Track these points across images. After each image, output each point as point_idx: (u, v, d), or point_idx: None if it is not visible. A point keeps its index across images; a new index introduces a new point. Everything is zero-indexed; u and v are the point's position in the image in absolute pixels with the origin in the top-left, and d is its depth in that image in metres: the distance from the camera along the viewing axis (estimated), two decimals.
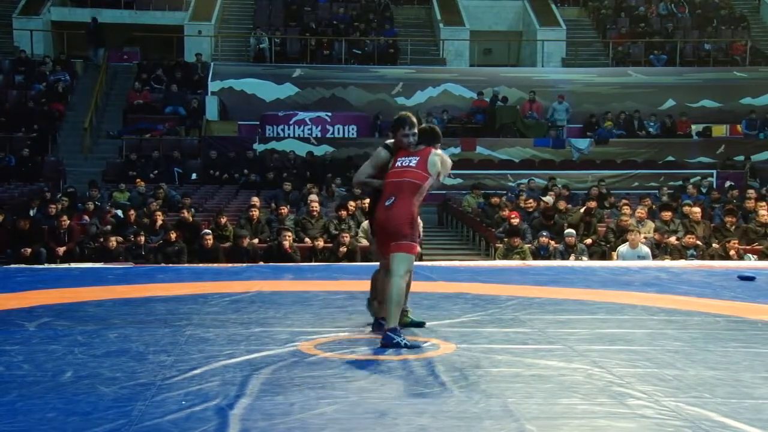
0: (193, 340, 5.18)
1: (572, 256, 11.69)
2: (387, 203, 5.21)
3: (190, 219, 12.72)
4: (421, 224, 5.63)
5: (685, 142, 20.09)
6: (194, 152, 18.76)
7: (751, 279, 8.08)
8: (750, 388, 4.03)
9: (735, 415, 3.56)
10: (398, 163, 5.34)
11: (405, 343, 4.92)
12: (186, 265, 10.84)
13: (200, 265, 10.29)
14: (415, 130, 5.37)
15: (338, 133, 19.77)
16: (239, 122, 20.29)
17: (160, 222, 12.68)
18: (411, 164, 5.27)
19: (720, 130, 20.75)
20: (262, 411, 3.63)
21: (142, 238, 11.89)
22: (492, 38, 24.99)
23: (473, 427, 3.44)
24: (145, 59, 22.26)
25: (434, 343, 5.08)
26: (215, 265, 10.28)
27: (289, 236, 11.68)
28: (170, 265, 10.71)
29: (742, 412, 3.60)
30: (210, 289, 7.51)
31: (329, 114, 19.88)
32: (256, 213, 12.97)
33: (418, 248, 5.29)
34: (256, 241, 12.28)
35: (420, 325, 5.57)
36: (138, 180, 15.90)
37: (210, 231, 12.01)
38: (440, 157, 5.34)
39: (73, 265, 10.08)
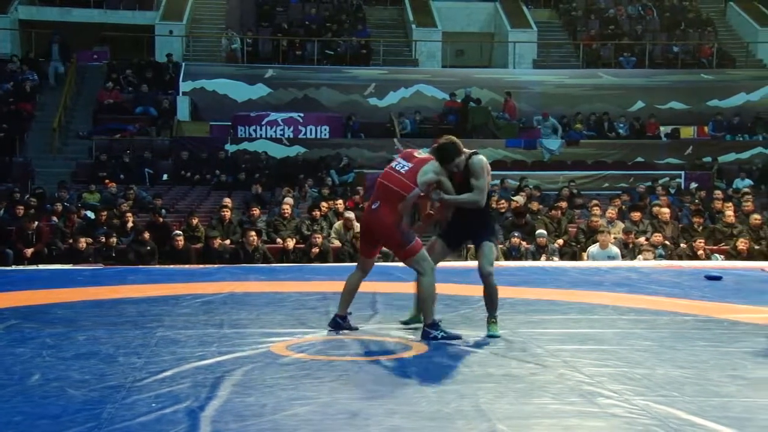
0: (164, 341, 5.15)
1: (543, 257, 11.77)
2: (373, 206, 5.26)
3: (161, 221, 12.63)
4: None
5: (654, 144, 20.32)
6: (165, 153, 18.62)
7: (717, 279, 8.19)
8: (717, 387, 4.09)
9: (702, 413, 3.60)
10: (393, 164, 5.33)
11: (442, 335, 5.10)
12: (157, 266, 10.76)
13: (171, 266, 10.21)
14: (457, 161, 5.17)
15: (310, 134, 19.72)
16: (211, 123, 20.17)
17: (130, 223, 12.57)
18: (402, 170, 5.22)
19: (688, 132, 21.00)
20: (233, 412, 3.62)
21: (113, 240, 11.78)
22: (464, 39, 25.09)
23: (445, 427, 3.46)
24: (115, 59, 22.03)
25: (406, 344, 5.09)
26: (187, 266, 10.21)
27: (253, 236, 11.58)
28: (142, 266, 10.63)
29: (709, 410, 3.65)
30: (181, 290, 7.46)
31: (301, 115, 19.82)
32: (228, 214, 12.91)
33: (419, 240, 5.22)
34: (227, 242, 12.22)
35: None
36: (108, 181, 15.74)
37: (181, 232, 11.93)
38: (438, 169, 5.14)
39: (42, 266, 9.96)
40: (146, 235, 11.68)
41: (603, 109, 21.02)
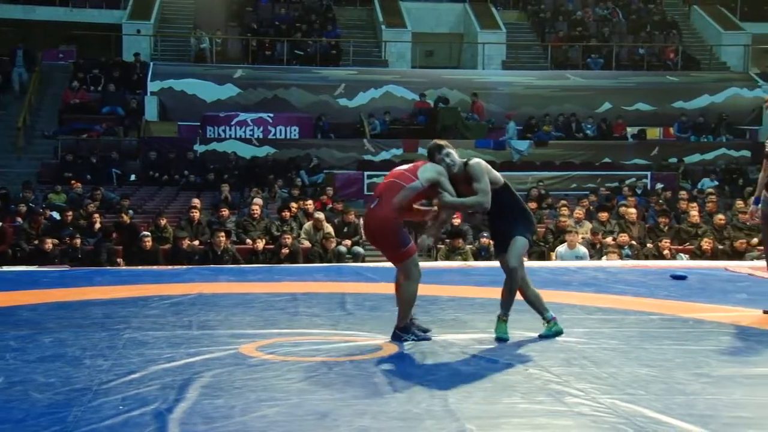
0: (131, 343, 5.10)
1: None
2: (372, 205, 5.26)
3: (128, 221, 12.51)
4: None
5: (621, 144, 20.53)
6: (133, 153, 18.45)
7: (683, 278, 8.29)
8: (682, 385, 4.14)
9: (668, 410, 3.65)
10: (393, 170, 5.37)
11: (413, 339, 5.10)
12: (125, 267, 10.67)
13: (139, 267, 10.12)
14: (448, 151, 5.21)
15: (280, 134, 19.65)
16: (179, 123, 20.02)
17: (98, 224, 12.44)
18: (404, 167, 5.30)
19: (654, 133, 21.26)
20: (202, 414, 3.60)
21: (78, 241, 11.65)
22: (433, 40, 25.17)
23: (414, 427, 3.47)
24: (81, 58, 21.79)
25: (376, 344, 5.09)
26: (155, 267, 10.13)
27: (222, 237, 11.51)
28: (110, 267, 10.53)
29: (675, 408, 3.70)
30: (149, 291, 7.40)
31: (271, 115, 19.74)
32: (196, 214, 12.83)
33: (413, 245, 5.18)
34: (196, 242, 12.14)
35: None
36: (74, 181, 15.56)
37: (149, 233, 11.83)
38: (439, 169, 5.13)
39: (6, 268, 9.81)
40: (114, 235, 11.59)
41: (571, 110, 21.20)
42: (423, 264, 8.07)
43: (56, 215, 13.16)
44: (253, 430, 3.42)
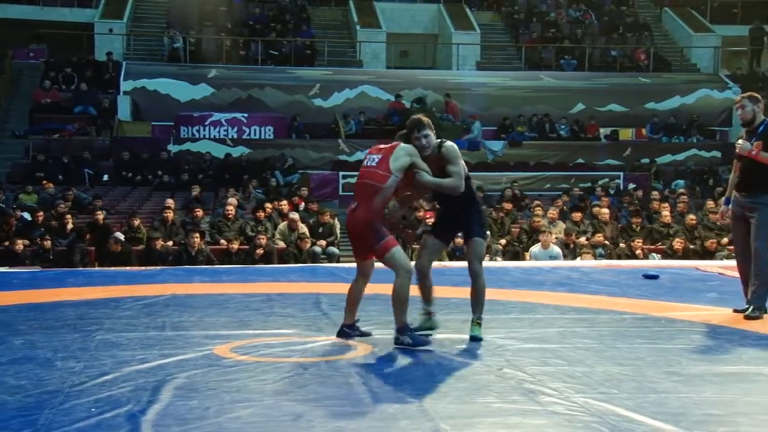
0: (104, 345, 5.06)
1: (487, 257, 11.89)
2: (352, 206, 5.12)
3: (102, 221, 12.41)
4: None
5: (594, 145, 20.69)
6: (106, 153, 18.29)
7: (655, 277, 8.37)
8: (654, 383, 4.19)
9: (640, 409, 3.69)
10: (365, 162, 5.14)
11: (409, 342, 4.94)
12: (97, 268, 10.57)
13: (112, 268, 10.04)
14: (427, 132, 5.05)
15: (255, 135, 19.58)
16: (153, 123, 19.87)
17: (70, 225, 12.32)
18: (372, 163, 5.03)
19: (626, 134, 21.45)
20: (175, 416, 3.58)
21: (50, 242, 11.53)
22: (408, 41, 25.20)
23: (389, 427, 3.47)
24: (52, 57, 21.56)
25: (351, 345, 5.09)
26: (128, 268, 10.05)
27: (196, 237, 11.45)
28: (82, 268, 10.43)
29: (647, 406, 3.74)
30: (122, 292, 7.34)
31: (245, 115, 19.67)
32: (170, 215, 12.75)
33: (391, 239, 5.01)
34: (170, 243, 12.06)
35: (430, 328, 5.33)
36: (46, 181, 15.40)
37: (121, 234, 11.74)
38: (409, 150, 4.98)
39: None
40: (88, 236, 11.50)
41: (544, 111, 21.33)
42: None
43: (27, 216, 13.00)
44: (227, 431, 3.41)
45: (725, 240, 12.16)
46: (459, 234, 5.67)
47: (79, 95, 19.77)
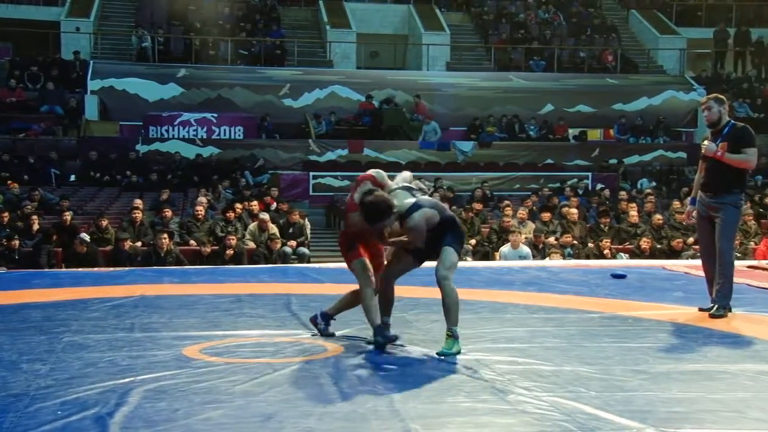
0: (71, 347, 5.00)
1: None
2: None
3: (69, 222, 12.27)
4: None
5: (563, 146, 20.87)
6: (73, 153, 18.09)
7: (622, 277, 8.46)
8: (621, 381, 4.23)
9: (607, 407, 3.73)
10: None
11: (380, 341, 4.93)
12: (64, 269, 10.45)
13: (80, 269, 9.93)
14: (393, 218, 4.88)
15: (224, 135, 19.49)
16: (121, 123, 19.70)
17: (36, 225, 12.17)
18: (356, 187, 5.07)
19: (595, 134, 21.67)
20: (144, 418, 3.55)
21: (16, 242, 11.38)
22: (378, 41, 25.22)
23: (360, 427, 3.48)
24: (18, 56, 21.28)
25: (322, 345, 5.09)
26: (95, 269, 9.94)
27: (165, 239, 11.36)
28: (49, 270, 10.30)
29: (614, 404, 3.78)
30: (90, 294, 7.26)
31: (215, 115, 19.57)
32: (139, 215, 12.64)
33: (360, 251, 5.09)
34: (139, 244, 11.96)
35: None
36: (11, 182, 15.19)
37: (87, 236, 11.62)
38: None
39: None
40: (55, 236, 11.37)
41: (514, 112, 21.47)
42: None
43: None
44: None
45: (691, 239, 12.32)
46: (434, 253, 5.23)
47: (45, 94, 19.53)
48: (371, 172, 5.20)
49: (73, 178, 17.20)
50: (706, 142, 6.25)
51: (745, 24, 25.49)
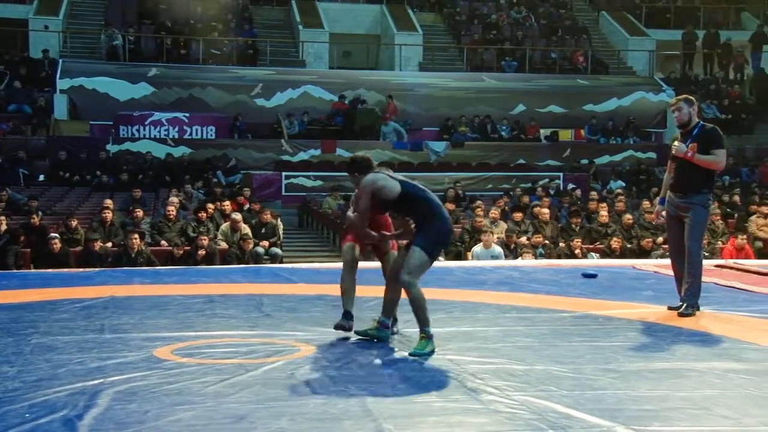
0: (39, 348, 4.95)
1: None
2: None
3: (37, 222, 12.12)
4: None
5: (535, 146, 21.00)
6: (41, 153, 17.88)
7: (593, 276, 8.53)
8: (592, 380, 4.27)
9: (578, 405, 3.76)
10: None
11: (342, 325, 5.32)
12: (33, 270, 10.32)
13: (49, 270, 9.81)
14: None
15: (196, 134, 19.37)
16: (91, 122, 19.50)
17: (4, 226, 12.00)
18: None
19: (566, 135, 21.82)
20: (114, 420, 3.52)
21: None
22: (351, 41, 25.21)
23: (332, 428, 3.47)
24: None
25: (294, 346, 5.08)
26: (65, 270, 9.83)
27: (135, 239, 11.23)
28: (17, 271, 10.17)
29: (584, 403, 3.81)
30: (59, 295, 7.18)
31: (187, 115, 19.44)
32: (109, 215, 12.52)
33: (350, 236, 5.59)
34: (109, 244, 11.84)
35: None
36: None
37: (57, 235, 11.48)
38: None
39: None
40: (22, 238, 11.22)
41: (486, 112, 21.56)
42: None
43: None
44: None
45: (660, 239, 12.45)
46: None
47: (13, 93, 19.29)
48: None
49: (42, 178, 17.01)
50: (676, 143, 6.31)
51: (713, 26, 25.83)
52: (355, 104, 20.69)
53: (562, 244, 12.69)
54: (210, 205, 13.48)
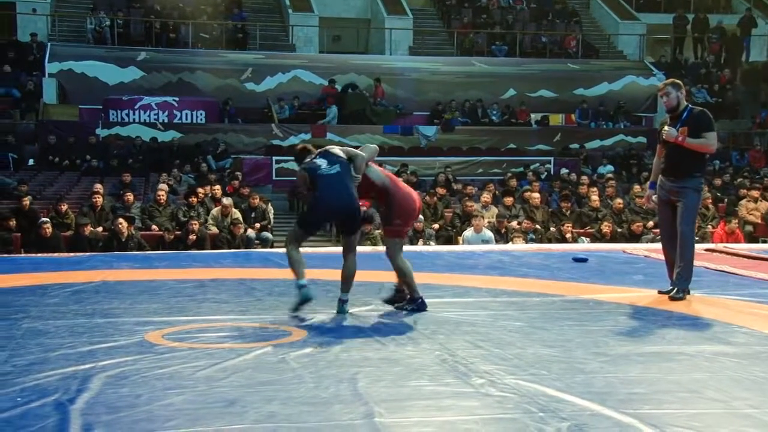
0: (30, 333, 4.94)
1: (420, 241, 11.98)
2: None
3: (27, 206, 12.06)
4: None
5: (525, 130, 21.00)
6: (31, 137, 17.79)
7: (584, 260, 8.56)
8: (582, 364, 4.29)
9: (568, 389, 3.78)
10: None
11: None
12: (23, 254, 10.28)
13: (39, 254, 9.77)
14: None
15: (186, 119, 19.29)
16: (80, 106, 19.41)
17: None
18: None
19: (556, 119, 21.84)
20: (106, 404, 3.52)
21: None
22: (341, 25, 25.10)
23: (323, 411, 3.48)
24: None
25: (285, 330, 5.09)
26: (55, 254, 9.79)
27: (123, 224, 11.18)
28: (6, 255, 10.12)
29: (575, 386, 3.83)
30: (50, 279, 7.16)
31: (176, 99, 19.35)
32: (99, 200, 12.47)
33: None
34: (100, 229, 11.81)
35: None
36: None
37: (48, 219, 11.44)
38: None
39: None
40: (12, 222, 11.15)
41: (476, 97, 21.54)
42: (331, 249, 8.13)
43: None
44: (158, 418, 3.37)
45: (651, 223, 12.50)
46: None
47: (1, 77, 19.14)
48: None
49: (31, 162, 16.92)
50: (666, 128, 6.30)
51: (703, 10, 25.82)
52: (345, 90, 20.63)
53: (552, 229, 12.72)
54: (200, 190, 13.45)
